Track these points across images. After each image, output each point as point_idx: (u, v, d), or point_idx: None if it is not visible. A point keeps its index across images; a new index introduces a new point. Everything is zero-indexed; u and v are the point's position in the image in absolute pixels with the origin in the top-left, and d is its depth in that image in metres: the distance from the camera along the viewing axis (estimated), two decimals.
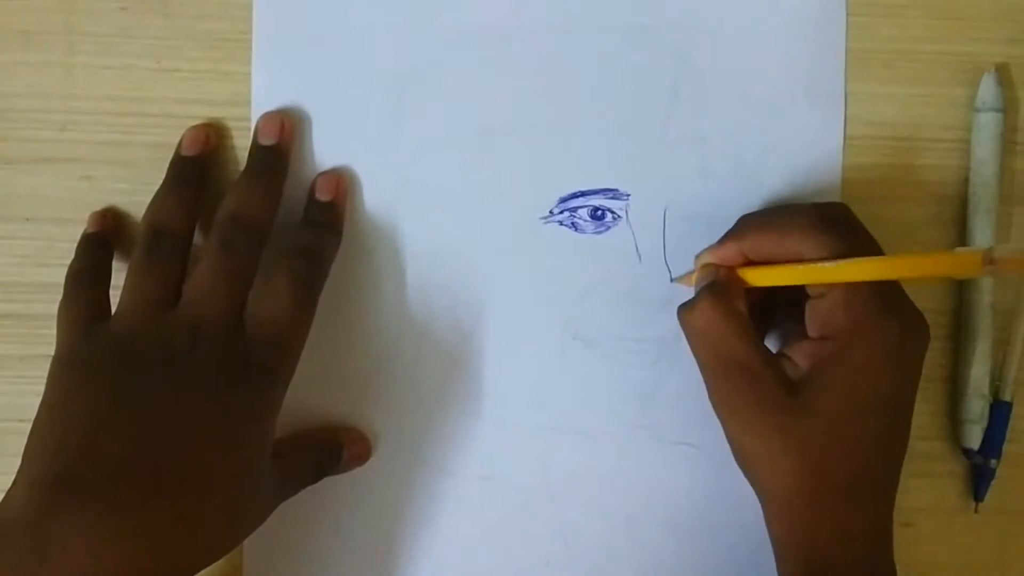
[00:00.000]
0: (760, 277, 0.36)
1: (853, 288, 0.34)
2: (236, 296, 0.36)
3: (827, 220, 0.35)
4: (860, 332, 0.34)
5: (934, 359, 0.41)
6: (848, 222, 0.36)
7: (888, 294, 0.35)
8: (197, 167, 0.39)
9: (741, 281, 0.37)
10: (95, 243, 0.39)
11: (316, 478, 0.39)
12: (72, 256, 0.39)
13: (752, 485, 0.36)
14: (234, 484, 0.34)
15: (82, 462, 0.32)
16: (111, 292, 0.38)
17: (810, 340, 0.35)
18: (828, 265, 0.34)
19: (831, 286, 0.35)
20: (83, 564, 0.30)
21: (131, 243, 0.39)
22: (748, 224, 0.37)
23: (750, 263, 0.37)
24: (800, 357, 0.35)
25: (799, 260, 0.35)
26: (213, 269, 0.36)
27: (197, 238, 0.38)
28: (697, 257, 0.38)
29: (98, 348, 0.35)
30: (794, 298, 0.37)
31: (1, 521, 0.31)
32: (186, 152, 0.39)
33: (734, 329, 0.35)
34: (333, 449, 0.39)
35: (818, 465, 0.34)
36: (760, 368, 0.35)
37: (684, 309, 0.37)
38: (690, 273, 0.39)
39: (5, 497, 0.32)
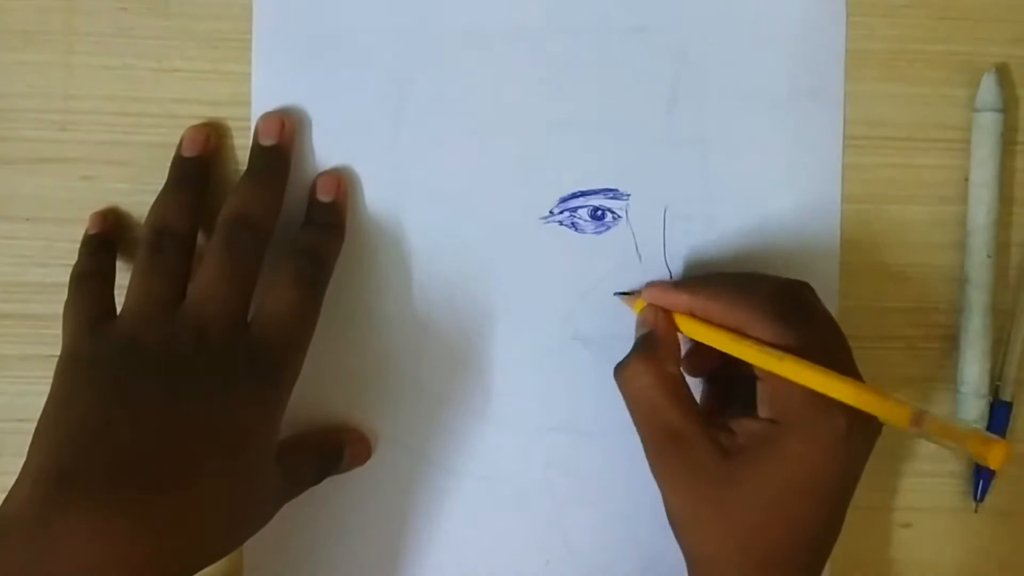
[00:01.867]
0: (697, 332, 0.36)
1: None
2: (241, 296, 0.36)
3: (784, 307, 0.35)
4: (804, 420, 0.34)
5: (934, 359, 0.41)
6: (804, 309, 0.35)
7: None
8: (198, 167, 0.39)
9: (676, 339, 0.37)
10: (97, 244, 0.39)
11: (318, 479, 0.39)
12: (72, 256, 0.39)
13: (681, 548, 0.36)
14: (238, 484, 0.34)
15: (85, 459, 0.32)
16: (116, 292, 0.38)
17: (755, 419, 0.35)
18: (772, 354, 0.33)
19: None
20: (85, 561, 0.30)
21: (133, 243, 0.39)
22: (704, 284, 0.37)
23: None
24: (743, 434, 0.35)
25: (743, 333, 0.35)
26: (217, 269, 0.36)
27: (200, 240, 0.38)
28: (647, 287, 0.38)
29: (103, 347, 0.35)
30: (744, 374, 0.36)
31: (4, 517, 0.31)
32: (187, 153, 0.39)
33: (665, 394, 0.35)
34: (335, 450, 0.39)
35: (745, 536, 0.34)
36: (692, 435, 0.35)
37: (619, 369, 0.37)
38: (635, 294, 0.39)
39: (8, 493, 0.32)
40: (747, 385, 0.36)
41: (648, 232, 0.41)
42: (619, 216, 0.40)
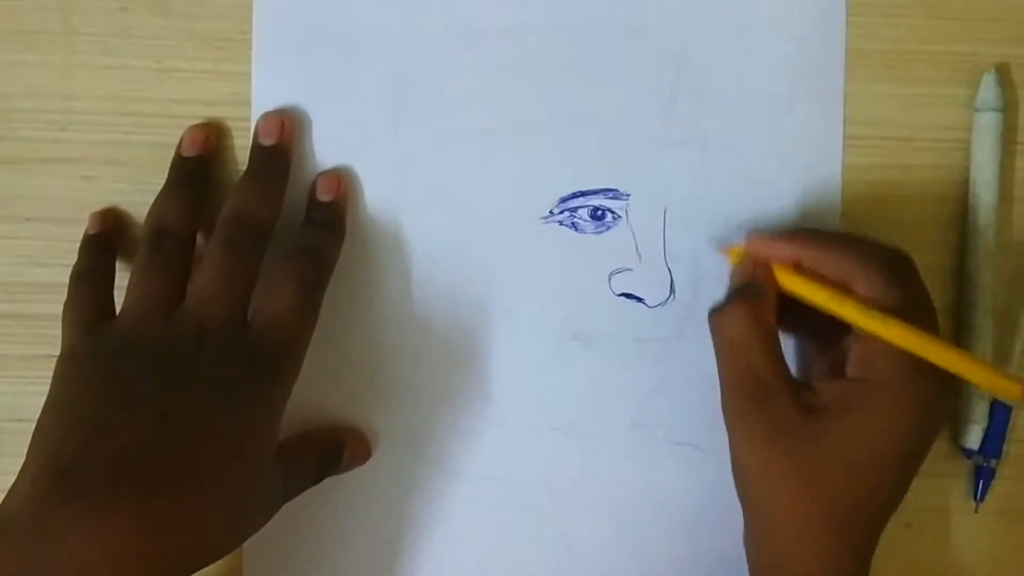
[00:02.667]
0: (798, 287, 0.36)
1: None
2: (240, 295, 0.36)
3: (895, 269, 0.35)
4: (895, 383, 0.34)
5: None
6: (912, 276, 0.36)
7: None
8: (198, 167, 0.39)
9: (775, 291, 0.36)
10: (97, 243, 0.39)
11: (318, 479, 0.39)
12: (72, 256, 0.39)
13: (742, 501, 0.36)
14: (238, 483, 0.34)
15: (85, 458, 0.32)
16: (115, 292, 0.38)
17: (843, 379, 0.35)
18: (877, 315, 0.33)
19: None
20: (84, 560, 0.30)
21: (133, 243, 0.39)
22: (815, 234, 0.37)
23: (796, 269, 0.36)
24: (828, 393, 0.35)
25: (847, 289, 0.35)
26: (217, 269, 0.36)
27: (200, 240, 0.38)
28: (751, 236, 0.38)
29: (103, 347, 0.35)
30: (832, 334, 0.36)
31: (3, 516, 0.31)
32: (187, 152, 0.39)
33: (761, 345, 0.35)
34: (335, 450, 0.39)
35: (818, 497, 0.34)
36: (780, 389, 0.35)
37: (715, 312, 0.37)
38: (732, 244, 0.39)
39: (8, 493, 0.32)
40: (827, 348, 0.36)
41: (648, 232, 0.41)
42: (619, 216, 0.40)
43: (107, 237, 0.39)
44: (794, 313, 0.37)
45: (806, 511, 0.34)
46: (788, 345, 0.40)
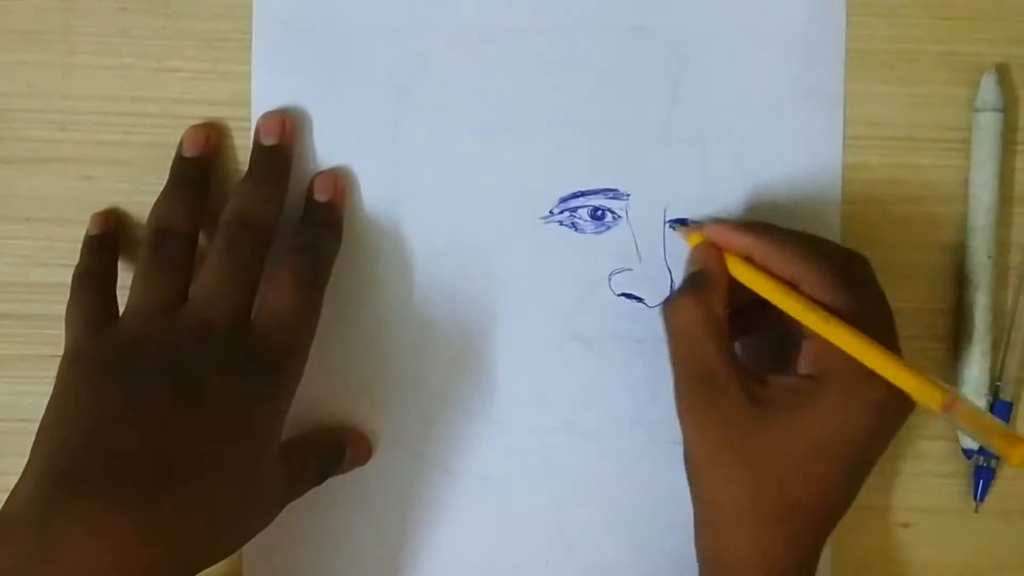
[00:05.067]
0: (749, 278, 0.36)
1: None
2: (243, 296, 0.36)
3: (845, 273, 0.35)
4: (844, 382, 0.34)
5: (934, 359, 0.41)
6: (863, 280, 0.36)
7: None
8: (199, 167, 0.39)
9: (726, 281, 0.36)
10: (99, 244, 0.39)
11: (320, 479, 0.39)
12: (73, 256, 0.39)
13: (692, 492, 0.36)
14: (240, 484, 0.34)
15: (87, 458, 0.32)
16: (118, 292, 0.38)
17: (796, 377, 0.35)
18: (820, 313, 0.33)
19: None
20: (86, 560, 0.31)
21: (134, 243, 0.39)
22: (770, 229, 0.37)
23: (749, 262, 0.36)
24: (778, 387, 0.35)
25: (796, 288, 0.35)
26: (220, 269, 0.36)
27: (202, 240, 0.38)
28: (711, 223, 0.38)
29: (106, 347, 0.35)
30: (789, 332, 0.36)
31: (6, 516, 0.31)
32: (187, 153, 0.39)
33: (709, 334, 0.35)
34: (336, 450, 0.39)
35: (762, 487, 0.34)
36: (727, 379, 0.35)
37: (667, 303, 0.37)
38: (695, 228, 0.39)
39: (11, 493, 0.32)
40: (781, 345, 0.37)
41: (648, 232, 0.41)
42: (619, 216, 0.41)
43: (109, 237, 0.39)
44: (753, 311, 0.37)
45: (749, 501, 0.34)
46: (746, 343, 0.40)
